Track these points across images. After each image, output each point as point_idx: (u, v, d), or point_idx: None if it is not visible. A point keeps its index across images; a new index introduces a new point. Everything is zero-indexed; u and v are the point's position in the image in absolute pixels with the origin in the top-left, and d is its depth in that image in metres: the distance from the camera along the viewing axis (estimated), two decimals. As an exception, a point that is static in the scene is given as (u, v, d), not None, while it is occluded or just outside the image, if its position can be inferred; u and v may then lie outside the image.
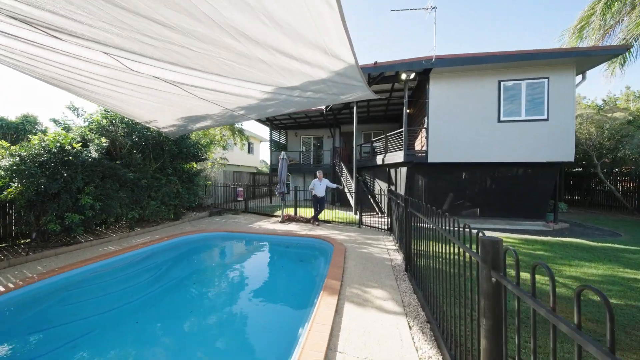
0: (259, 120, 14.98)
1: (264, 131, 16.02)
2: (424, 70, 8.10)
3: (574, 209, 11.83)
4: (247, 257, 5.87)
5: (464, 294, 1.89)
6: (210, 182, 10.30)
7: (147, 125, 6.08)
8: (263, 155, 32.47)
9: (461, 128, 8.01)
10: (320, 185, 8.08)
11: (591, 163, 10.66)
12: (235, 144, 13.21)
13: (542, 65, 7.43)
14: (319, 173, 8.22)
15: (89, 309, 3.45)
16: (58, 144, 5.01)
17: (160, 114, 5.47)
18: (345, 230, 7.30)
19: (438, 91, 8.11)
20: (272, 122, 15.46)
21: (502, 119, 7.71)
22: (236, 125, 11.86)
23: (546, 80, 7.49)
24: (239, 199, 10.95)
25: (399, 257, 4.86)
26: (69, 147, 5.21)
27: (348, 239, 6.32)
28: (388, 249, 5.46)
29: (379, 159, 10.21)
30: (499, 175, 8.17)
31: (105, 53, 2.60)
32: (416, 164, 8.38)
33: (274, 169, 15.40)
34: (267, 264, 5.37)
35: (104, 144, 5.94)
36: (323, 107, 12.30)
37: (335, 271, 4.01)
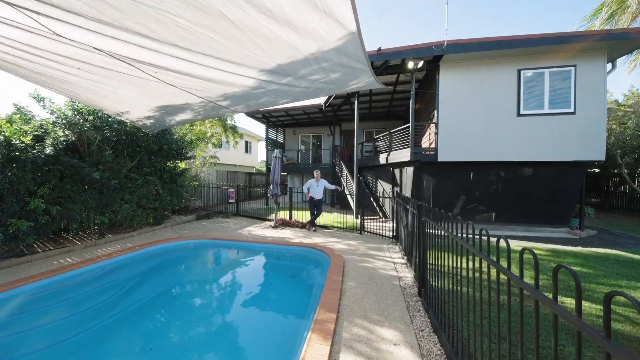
0: (255, 117, 14.17)
1: (262, 130, 15.18)
2: (434, 59, 7.24)
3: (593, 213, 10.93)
4: (228, 273, 5.02)
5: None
6: (197, 183, 9.47)
7: (119, 117, 5.26)
8: (263, 154, 31.68)
9: (475, 123, 7.14)
10: (317, 187, 7.24)
11: (614, 162, 9.76)
12: (228, 142, 12.38)
13: (568, 52, 6.56)
14: (316, 173, 7.39)
15: (10, 348, 2.62)
16: (1, 137, 4.19)
17: (129, 103, 4.65)
18: (345, 238, 6.45)
19: (449, 82, 7.25)
20: (268, 120, 14.63)
21: (522, 112, 6.84)
22: (228, 121, 11.05)
23: (573, 69, 6.62)
24: (230, 200, 10.13)
25: (408, 276, 4.01)
26: (18, 142, 4.39)
27: (348, 248, 5.47)
28: (394, 263, 4.61)
29: (382, 158, 9.36)
30: (518, 175, 7.29)
31: (16, 6, 1.79)
32: (424, 163, 7.52)
33: (270, 168, 14.57)
34: (250, 283, 4.50)
35: (62, 138, 5.12)
36: (322, 103, 11.47)
37: (331, 297, 3.16)
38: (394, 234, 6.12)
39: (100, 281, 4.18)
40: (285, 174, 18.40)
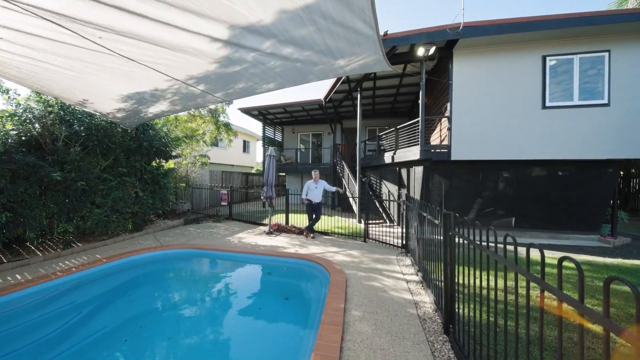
0: (251, 115, 13.41)
1: (261, 128, 14.42)
2: (447, 45, 6.46)
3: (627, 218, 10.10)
4: (208, 294, 4.24)
5: None
6: (184, 184, 8.70)
7: (83, 108, 4.52)
8: (262, 154, 30.94)
9: (493, 117, 6.36)
10: (316, 189, 6.47)
11: (640, 162, 8.93)
12: (221, 139, 11.63)
13: (601, 35, 5.77)
14: (314, 173, 6.61)
15: None
16: None
17: (85, 88, 3.89)
18: (347, 246, 5.68)
19: (464, 71, 6.47)
20: (265, 117, 13.87)
21: (547, 104, 6.05)
22: (221, 118, 10.30)
23: (606, 55, 5.82)
24: (222, 203, 9.37)
25: (426, 300, 3.23)
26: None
27: (350, 261, 4.70)
28: (407, 281, 3.83)
29: (387, 157, 8.59)
30: (541, 176, 6.50)
31: None
32: (435, 162, 6.74)
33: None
34: (232, 310, 3.70)
35: (12, 131, 4.37)
36: (322, 98, 10.70)
37: (330, 339, 2.38)
38: (403, 242, 5.34)
39: (46, 307, 3.41)
40: (283, 174, 17.66)
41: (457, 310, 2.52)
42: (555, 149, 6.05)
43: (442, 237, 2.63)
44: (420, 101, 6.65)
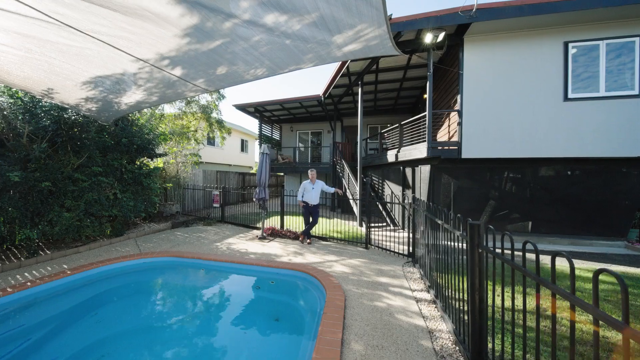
0: (247, 112, 12.84)
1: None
2: (457, 31, 5.87)
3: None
4: (187, 313, 3.67)
5: None
6: (170, 185, 8.12)
7: (50, 99, 3.98)
8: (260, 154, 30.35)
9: (508, 110, 5.76)
10: (312, 190, 5.88)
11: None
12: (214, 137, 11.06)
13: (632, 18, 5.16)
14: (310, 173, 6.03)
15: None
16: None
17: (43, 75, 3.33)
18: (347, 254, 5.10)
19: (476, 59, 5.87)
20: (262, 114, 13.29)
21: (570, 96, 5.44)
22: (214, 114, 9.73)
23: (637, 40, 5.21)
24: (214, 205, 8.80)
25: (443, 329, 2.63)
26: None
27: (351, 272, 4.11)
28: (417, 300, 3.24)
29: (390, 156, 8.00)
30: (561, 176, 5.90)
31: None
32: (443, 160, 6.14)
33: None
34: (211, 336, 3.13)
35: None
36: (321, 94, 10.12)
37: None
38: (410, 250, 4.75)
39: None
40: (282, 174, 17.10)
41: (488, 345, 1.94)
42: (578, 145, 5.45)
43: (468, 257, 2.03)
44: (427, 93, 6.05)
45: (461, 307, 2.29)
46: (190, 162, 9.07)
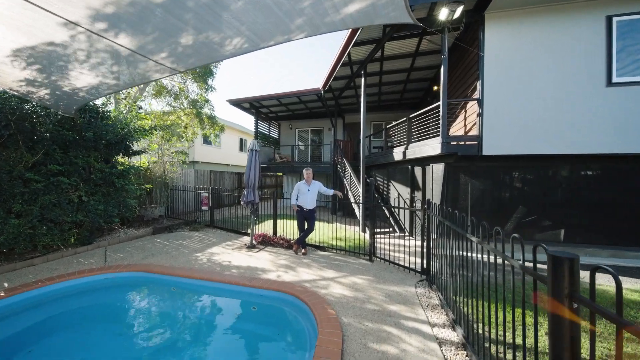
0: (242, 108, 12.06)
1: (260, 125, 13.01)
2: (477, 5, 5.02)
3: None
4: (143, 351, 2.88)
5: None
6: (151, 186, 7.35)
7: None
8: (261, 154, 29.54)
9: (538, 98, 4.89)
10: (308, 192, 5.07)
11: None
12: (207, 135, 10.29)
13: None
14: (306, 172, 5.21)
15: None
16: None
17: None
18: (348, 269, 4.27)
19: (499, 39, 5.02)
20: (258, 110, 12.51)
21: (615, 80, 4.56)
22: (206, 110, 8.98)
23: (699, 11, 4.32)
24: (203, 208, 8.03)
25: (486, 398, 1.80)
26: None
27: (352, 297, 3.29)
28: (439, 341, 2.41)
29: (396, 153, 7.15)
30: (601, 176, 5.01)
31: None
32: (460, 157, 5.29)
33: (262, 167, 12.43)
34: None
35: None
36: (320, 87, 9.30)
37: None
38: (423, 266, 3.91)
39: None
40: (280, 174, 16.33)
41: None
42: (626, 139, 4.56)
43: (548, 314, 1.19)
44: (442, 78, 5.20)
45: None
46: (176, 160, 8.31)
